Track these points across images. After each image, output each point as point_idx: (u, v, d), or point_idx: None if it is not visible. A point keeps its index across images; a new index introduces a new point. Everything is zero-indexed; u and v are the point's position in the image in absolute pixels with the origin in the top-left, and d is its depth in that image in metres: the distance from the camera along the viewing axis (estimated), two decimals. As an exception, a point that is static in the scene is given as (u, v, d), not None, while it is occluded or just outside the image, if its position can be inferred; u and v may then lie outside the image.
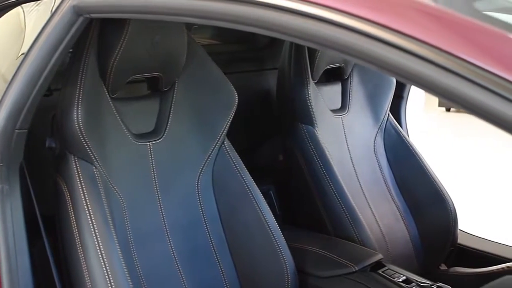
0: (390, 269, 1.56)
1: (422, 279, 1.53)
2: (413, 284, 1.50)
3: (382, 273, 1.54)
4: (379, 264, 1.60)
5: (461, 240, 2.08)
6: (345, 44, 0.76)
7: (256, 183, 1.55)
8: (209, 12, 0.93)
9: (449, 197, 2.04)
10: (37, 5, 1.34)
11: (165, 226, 1.47)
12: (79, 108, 1.28)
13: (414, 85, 0.72)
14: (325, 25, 0.77)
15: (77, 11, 1.16)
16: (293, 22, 0.80)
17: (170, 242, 1.47)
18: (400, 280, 1.51)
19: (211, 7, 0.93)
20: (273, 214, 1.54)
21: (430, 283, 1.52)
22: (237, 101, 1.55)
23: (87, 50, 1.32)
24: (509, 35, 0.71)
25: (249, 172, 1.57)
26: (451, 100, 0.72)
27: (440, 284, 1.50)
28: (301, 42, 0.83)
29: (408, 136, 2.34)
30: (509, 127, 0.66)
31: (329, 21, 0.77)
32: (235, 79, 2.08)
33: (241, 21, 0.88)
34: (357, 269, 1.54)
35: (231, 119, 1.55)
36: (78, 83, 1.29)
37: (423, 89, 0.73)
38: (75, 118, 1.27)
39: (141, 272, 1.39)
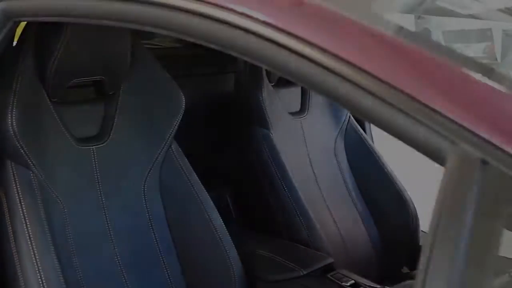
0: (340, 273, 1.55)
1: (371, 283, 1.52)
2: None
3: (330, 277, 1.53)
4: (329, 268, 1.58)
5: (423, 242, 2.06)
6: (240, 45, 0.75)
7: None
8: (123, 14, 0.93)
9: (410, 199, 2.03)
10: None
11: (110, 231, 1.45)
12: (13, 112, 1.26)
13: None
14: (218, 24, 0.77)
15: (6, 15, 1.15)
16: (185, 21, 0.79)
17: (114, 248, 1.45)
18: (348, 284, 1.50)
19: (126, 9, 0.92)
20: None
21: (379, 286, 1.51)
22: (184, 105, 1.52)
23: (24, 53, 1.30)
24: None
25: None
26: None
27: (388, 288, 1.49)
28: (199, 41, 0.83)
29: (372, 139, 2.33)
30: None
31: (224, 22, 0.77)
32: (196, 82, 2.07)
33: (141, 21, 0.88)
34: (304, 273, 1.53)
35: (178, 123, 1.53)
36: (13, 86, 1.27)
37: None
38: (9, 123, 1.25)
39: (82, 279, 1.37)
